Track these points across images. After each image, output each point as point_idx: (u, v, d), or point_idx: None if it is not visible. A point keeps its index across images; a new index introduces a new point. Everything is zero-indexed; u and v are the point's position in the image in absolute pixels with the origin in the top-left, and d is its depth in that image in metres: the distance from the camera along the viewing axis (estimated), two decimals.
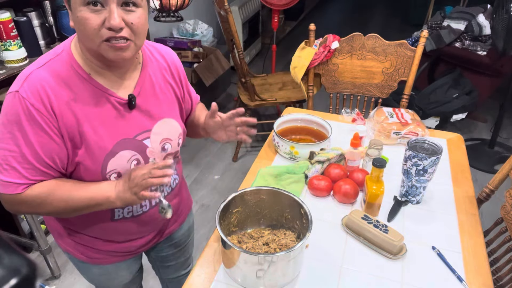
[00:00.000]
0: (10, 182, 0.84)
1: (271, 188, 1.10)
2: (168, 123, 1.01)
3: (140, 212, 1.04)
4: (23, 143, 0.83)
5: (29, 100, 0.81)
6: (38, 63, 0.85)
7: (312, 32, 1.85)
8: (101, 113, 0.89)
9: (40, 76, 0.83)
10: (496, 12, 2.51)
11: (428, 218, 1.21)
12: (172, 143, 1.03)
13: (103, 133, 0.89)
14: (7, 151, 0.83)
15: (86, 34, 0.80)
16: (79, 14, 0.78)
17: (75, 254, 1.10)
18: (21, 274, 0.34)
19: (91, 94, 0.87)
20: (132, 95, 0.92)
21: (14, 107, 0.82)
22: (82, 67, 0.86)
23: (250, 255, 0.94)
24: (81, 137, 0.87)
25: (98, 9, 0.78)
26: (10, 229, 1.97)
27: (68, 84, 0.85)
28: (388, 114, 1.57)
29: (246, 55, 4.00)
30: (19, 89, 0.81)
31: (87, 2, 0.77)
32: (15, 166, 0.84)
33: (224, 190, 2.59)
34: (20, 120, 0.81)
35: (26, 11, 1.87)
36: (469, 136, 3.10)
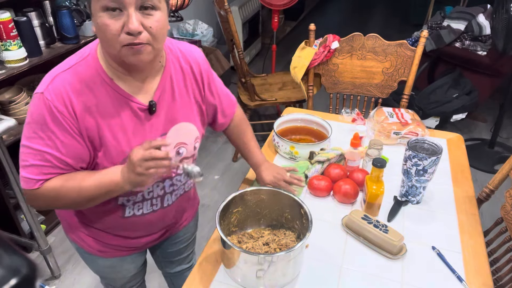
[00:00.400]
0: (30, 178, 0.88)
1: (271, 188, 1.10)
2: (184, 127, 1.01)
3: (150, 211, 1.06)
4: (46, 143, 0.86)
5: (53, 103, 0.83)
6: (64, 65, 0.87)
7: (312, 32, 1.85)
8: (121, 118, 0.90)
9: (64, 80, 0.85)
10: (496, 12, 2.51)
11: (428, 218, 1.21)
12: (188, 147, 1.03)
13: (122, 137, 0.91)
14: (30, 149, 0.86)
15: (106, 39, 0.81)
16: (99, 20, 0.79)
17: (83, 246, 1.12)
18: (21, 274, 0.34)
19: (113, 99, 0.89)
20: (152, 101, 0.93)
21: (39, 107, 0.84)
22: (105, 71, 0.87)
23: (250, 255, 0.94)
24: (100, 141, 0.89)
25: (116, 14, 0.78)
26: (10, 229, 1.97)
27: (91, 89, 0.86)
28: (388, 114, 1.57)
29: (246, 55, 4.00)
30: (44, 91, 0.84)
31: (106, 8, 0.77)
32: (36, 164, 0.87)
33: (224, 190, 2.59)
34: (44, 121, 0.84)
35: (26, 11, 1.87)
36: (469, 136, 3.10)
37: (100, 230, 1.08)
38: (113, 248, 1.13)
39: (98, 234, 1.09)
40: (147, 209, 1.05)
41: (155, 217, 1.08)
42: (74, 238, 1.13)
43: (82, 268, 2.04)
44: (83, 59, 0.87)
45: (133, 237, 1.12)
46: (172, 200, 1.09)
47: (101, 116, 0.88)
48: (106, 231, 1.08)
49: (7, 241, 0.36)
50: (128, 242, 1.12)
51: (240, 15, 3.61)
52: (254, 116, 3.32)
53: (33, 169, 0.87)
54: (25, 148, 0.87)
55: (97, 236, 1.10)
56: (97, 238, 1.10)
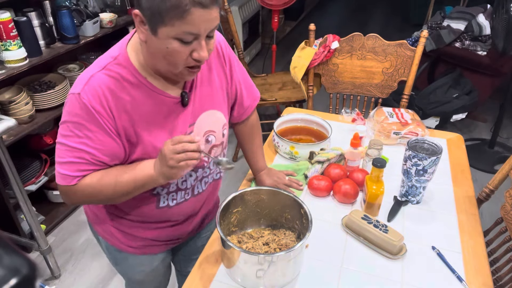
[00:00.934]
0: (66, 175, 0.90)
1: (271, 188, 1.10)
2: (212, 115, 1.03)
3: (183, 200, 1.08)
4: (83, 141, 0.87)
5: (90, 103, 0.85)
6: (97, 66, 0.88)
7: (312, 32, 1.85)
8: (156, 114, 0.92)
9: (100, 80, 0.86)
10: (496, 12, 2.51)
11: (428, 218, 1.21)
12: (216, 135, 1.06)
13: (157, 133, 0.93)
14: (67, 146, 0.88)
15: (174, 63, 0.84)
16: (170, 46, 0.80)
17: (114, 242, 1.13)
18: (21, 274, 0.34)
19: (147, 96, 0.90)
20: (184, 92, 0.95)
21: (76, 107, 0.86)
22: (138, 71, 0.89)
23: (250, 255, 0.94)
24: (137, 138, 0.92)
25: (188, 42, 0.81)
26: (10, 229, 1.97)
27: (125, 87, 0.88)
28: (388, 114, 1.57)
29: (246, 55, 4.00)
30: (81, 92, 0.85)
31: (183, 41, 0.80)
32: (73, 161, 0.89)
33: (224, 190, 2.59)
34: (81, 120, 0.86)
35: (26, 11, 1.87)
36: (469, 136, 3.10)
37: (133, 221, 1.09)
38: (143, 243, 1.13)
39: (130, 227, 1.09)
40: (180, 198, 1.07)
41: (186, 206, 1.10)
42: (103, 235, 1.14)
43: (82, 268, 2.04)
44: (115, 59, 0.88)
45: (164, 227, 1.12)
46: (203, 188, 1.11)
47: (137, 114, 0.90)
48: (138, 222, 1.09)
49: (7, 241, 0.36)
50: (159, 233, 1.13)
51: (240, 15, 3.61)
52: None
53: (70, 166, 0.90)
54: (62, 145, 0.89)
55: (129, 229, 1.10)
56: (127, 232, 1.10)
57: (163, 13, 0.75)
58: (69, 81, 2.13)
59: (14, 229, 1.97)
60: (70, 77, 2.20)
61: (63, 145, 0.89)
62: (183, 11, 0.74)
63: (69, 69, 2.30)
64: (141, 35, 0.83)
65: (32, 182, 1.99)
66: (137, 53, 0.89)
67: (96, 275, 2.00)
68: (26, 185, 1.96)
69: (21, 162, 2.05)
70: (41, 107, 1.99)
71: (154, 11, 0.76)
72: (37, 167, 2.06)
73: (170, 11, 0.74)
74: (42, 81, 2.11)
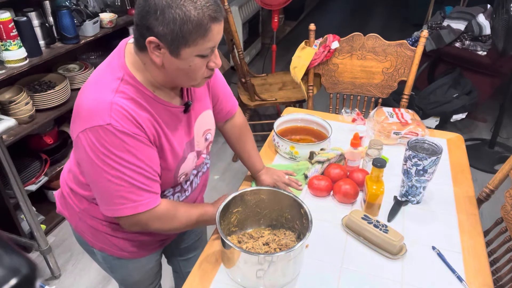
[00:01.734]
0: (143, 200, 0.92)
1: (271, 188, 1.10)
2: (206, 115, 1.09)
3: (184, 197, 1.13)
4: (137, 164, 0.88)
5: (125, 128, 0.85)
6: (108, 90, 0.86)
7: (312, 32, 1.85)
8: (170, 124, 0.96)
9: (121, 103, 0.86)
10: (496, 12, 2.51)
11: (428, 218, 1.21)
12: (211, 132, 1.13)
13: (175, 142, 0.98)
14: (123, 177, 0.88)
15: (194, 77, 0.88)
16: (193, 63, 0.84)
17: (113, 252, 1.13)
18: (21, 274, 0.34)
19: (159, 110, 0.93)
20: (189, 102, 1.00)
21: (113, 138, 0.84)
22: (146, 88, 0.90)
23: (250, 255, 0.94)
24: (161, 149, 0.95)
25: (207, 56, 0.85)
26: (10, 229, 1.97)
27: (142, 105, 0.89)
28: (388, 114, 1.57)
29: (246, 55, 4.00)
30: (111, 121, 0.84)
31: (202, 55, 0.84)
32: (139, 186, 0.90)
33: (224, 190, 2.59)
34: (125, 146, 0.86)
35: (26, 11, 1.87)
36: (469, 136, 3.10)
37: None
38: (140, 245, 1.14)
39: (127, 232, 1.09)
40: (182, 195, 1.12)
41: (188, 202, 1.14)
42: (101, 247, 1.13)
43: (82, 268, 2.04)
44: (122, 80, 0.88)
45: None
46: (197, 182, 1.16)
47: (159, 126, 0.93)
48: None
49: (7, 241, 0.36)
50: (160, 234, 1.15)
51: (240, 15, 3.61)
52: (254, 116, 3.32)
53: (141, 192, 0.91)
54: (114, 178, 0.87)
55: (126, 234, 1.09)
56: (125, 237, 1.10)
57: (187, 36, 0.79)
58: (69, 81, 2.13)
59: (14, 229, 1.97)
60: (70, 77, 2.20)
61: (116, 178, 0.87)
62: (205, 30, 0.79)
63: (69, 69, 2.30)
64: (157, 59, 0.84)
65: (32, 182, 1.99)
66: (142, 72, 0.90)
67: (96, 275, 2.00)
68: (26, 185, 1.96)
69: (21, 162, 2.05)
70: (41, 107, 1.99)
71: (175, 35, 0.79)
72: (37, 167, 2.06)
73: (194, 32, 0.79)
74: (42, 81, 2.11)
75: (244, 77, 2.55)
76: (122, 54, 0.90)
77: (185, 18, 0.77)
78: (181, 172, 1.02)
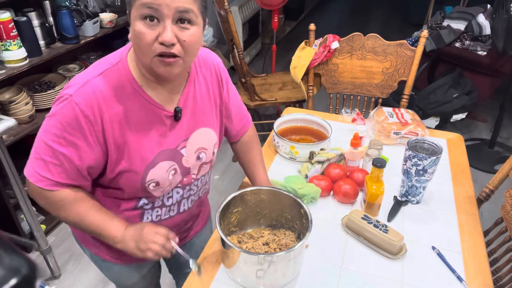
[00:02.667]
0: (42, 177, 0.88)
1: (271, 188, 1.10)
2: (204, 133, 1.02)
3: (167, 217, 1.06)
4: (63, 144, 0.85)
5: (80, 106, 0.83)
6: (95, 71, 0.86)
7: (312, 32, 1.85)
8: (148, 125, 0.91)
9: (95, 86, 0.84)
10: (496, 12, 2.51)
11: (428, 218, 1.21)
12: (207, 152, 1.04)
13: (147, 144, 0.91)
14: (48, 146, 0.86)
15: (141, 47, 0.81)
16: (136, 28, 0.79)
17: (98, 253, 1.12)
18: (21, 274, 0.34)
19: (141, 107, 0.89)
20: (178, 108, 0.94)
21: (64, 109, 0.84)
22: (136, 79, 0.88)
23: (250, 255, 0.94)
24: (125, 148, 0.90)
25: (153, 24, 0.78)
26: (10, 229, 1.97)
27: (120, 96, 0.87)
28: (388, 114, 1.57)
29: (246, 55, 4.00)
30: (74, 94, 0.83)
31: (144, 17, 0.78)
32: (53, 162, 0.87)
33: (224, 190, 2.59)
34: (66, 123, 0.84)
35: (26, 11, 1.87)
36: (469, 136, 3.10)
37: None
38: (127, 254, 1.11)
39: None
40: (165, 214, 1.05)
41: (171, 223, 1.08)
42: (88, 246, 1.12)
43: (82, 268, 2.04)
44: (114, 66, 0.87)
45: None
46: (188, 206, 1.09)
47: (128, 123, 0.88)
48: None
49: (7, 241, 0.36)
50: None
51: (240, 15, 3.61)
52: (254, 116, 3.32)
53: (47, 170, 0.87)
54: (44, 144, 0.87)
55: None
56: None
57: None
58: (69, 81, 2.13)
59: (14, 229, 1.97)
60: (70, 77, 2.20)
61: (46, 144, 0.86)
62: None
63: (69, 69, 2.30)
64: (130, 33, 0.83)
65: None
66: (134, 61, 0.88)
67: (96, 275, 2.00)
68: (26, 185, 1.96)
69: (21, 162, 2.04)
70: (41, 107, 1.99)
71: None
72: None
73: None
74: (42, 81, 2.11)
75: (244, 77, 2.54)
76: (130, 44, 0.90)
77: None
78: (150, 178, 0.93)
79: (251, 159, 1.23)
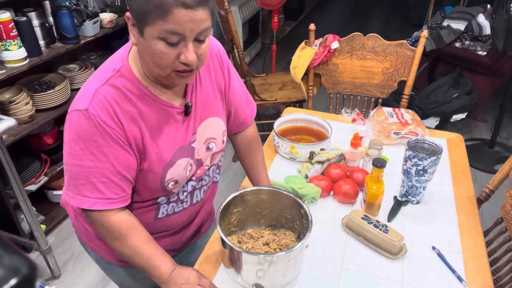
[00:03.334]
0: (90, 197, 0.88)
1: (271, 188, 1.10)
2: (212, 123, 1.02)
3: (181, 209, 1.07)
4: (99, 158, 0.85)
5: (99, 117, 0.83)
6: (100, 79, 0.86)
7: (312, 32, 1.85)
8: (161, 125, 0.92)
9: (106, 93, 0.85)
10: (496, 12, 2.51)
11: (428, 218, 1.21)
12: (217, 142, 1.05)
13: (163, 144, 0.92)
14: (81, 167, 0.86)
15: (159, 64, 0.82)
16: (155, 47, 0.79)
17: (103, 256, 1.12)
18: (21, 274, 0.34)
19: (152, 108, 0.89)
20: (189, 103, 0.95)
21: (84, 124, 0.83)
22: (141, 82, 0.88)
23: (250, 255, 0.94)
24: (144, 149, 0.91)
25: (174, 44, 0.79)
26: (10, 229, 1.97)
27: (131, 99, 0.87)
28: (388, 114, 1.57)
29: (246, 55, 4.00)
30: (89, 107, 0.83)
31: (167, 41, 0.78)
32: (92, 181, 0.87)
33: (224, 190, 2.59)
34: (93, 136, 0.84)
35: (26, 11, 1.87)
36: (469, 136, 3.10)
37: None
38: None
39: None
40: (179, 207, 1.06)
41: (184, 215, 1.09)
42: (93, 248, 1.12)
43: (82, 268, 2.04)
44: (117, 72, 0.87)
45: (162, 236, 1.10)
46: (201, 197, 1.10)
47: (143, 125, 0.89)
48: None
49: (7, 241, 0.36)
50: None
51: (240, 15, 3.61)
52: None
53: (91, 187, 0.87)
54: (74, 166, 0.86)
55: None
56: None
57: (147, 13, 0.75)
58: (69, 81, 2.13)
59: (14, 229, 1.97)
60: (70, 77, 2.20)
61: (75, 166, 0.86)
62: (165, 11, 0.74)
63: (69, 69, 2.30)
64: (133, 38, 0.82)
65: (32, 182, 1.99)
66: (137, 63, 0.88)
67: (96, 275, 2.00)
68: (26, 185, 1.96)
69: (21, 162, 2.05)
70: (41, 107, 1.99)
71: (139, 12, 0.76)
72: (37, 167, 2.06)
73: (153, 11, 0.74)
74: (42, 81, 2.11)
75: (244, 77, 2.55)
76: (129, 45, 0.90)
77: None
78: (169, 177, 0.95)
79: (254, 163, 1.23)
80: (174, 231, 1.13)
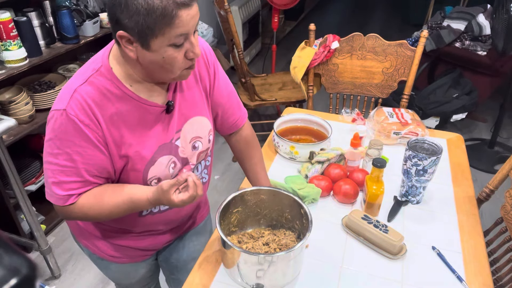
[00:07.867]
0: (60, 195, 0.89)
1: (271, 188, 1.10)
2: (198, 122, 1.02)
3: (167, 208, 1.06)
4: (74, 158, 0.86)
5: (77, 117, 0.84)
6: (80, 78, 0.87)
7: (312, 32, 1.85)
8: (142, 124, 0.92)
9: (84, 92, 0.85)
10: (496, 12, 2.51)
11: (428, 218, 1.21)
12: (203, 141, 1.05)
13: (144, 143, 0.92)
14: (58, 166, 0.87)
15: (171, 70, 0.84)
16: (166, 55, 0.80)
17: (95, 251, 1.13)
18: (21, 274, 0.34)
19: (132, 107, 0.89)
20: (171, 102, 0.95)
21: (63, 124, 0.84)
22: (121, 81, 0.88)
23: (250, 255, 0.94)
24: (125, 148, 0.91)
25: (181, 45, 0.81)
26: (10, 229, 1.97)
27: (110, 99, 0.87)
28: (388, 114, 1.57)
29: (246, 55, 4.00)
30: (67, 107, 0.84)
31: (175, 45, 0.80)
32: (65, 180, 0.88)
33: (224, 190, 2.59)
34: (70, 136, 0.85)
35: (26, 11, 1.87)
36: (469, 136, 3.10)
37: (113, 230, 1.08)
38: (124, 251, 1.12)
39: (110, 236, 1.09)
40: (164, 206, 1.05)
41: (169, 214, 1.08)
42: (85, 244, 1.13)
43: (82, 268, 2.04)
44: (97, 71, 0.87)
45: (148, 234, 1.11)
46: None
47: (123, 124, 0.89)
48: (119, 231, 1.08)
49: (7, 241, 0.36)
50: (139, 242, 1.11)
51: (240, 15, 3.61)
52: (254, 116, 3.32)
53: (62, 186, 0.88)
54: (51, 164, 0.88)
55: (109, 238, 1.09)
56: (109, 241, 1.10)
57: (152, 26, 0.75)
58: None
59: (14, 229, 1.97)
60: (70, 77, 2.19)
61: (52, 164, 0.87)
62: (171, 18, 0.75)
63: (69, 69, 2.30)
64: (131, 53, 0.82)
65: (32, 182, 1.99)
66: (121, 65, 0.87)
67: (96, 275, 2.00)
68: (26, 185, 1.96)
69: (21, 162, 2.05)
70: (41, 107, 1.99)
71: (141, 27, 0.76)
72: (37, 167, 2.06)
73: (158, 22, 0.75)
74: (42, 81, 2.11)
75: (244, 77, 2.55)
76: (110, 46, 0.90)
77: (148, 8, 0.73)
78: (151, 175, 0.95)
79: (252, 165, 1.21)
80: (159, 232, 1.12)
